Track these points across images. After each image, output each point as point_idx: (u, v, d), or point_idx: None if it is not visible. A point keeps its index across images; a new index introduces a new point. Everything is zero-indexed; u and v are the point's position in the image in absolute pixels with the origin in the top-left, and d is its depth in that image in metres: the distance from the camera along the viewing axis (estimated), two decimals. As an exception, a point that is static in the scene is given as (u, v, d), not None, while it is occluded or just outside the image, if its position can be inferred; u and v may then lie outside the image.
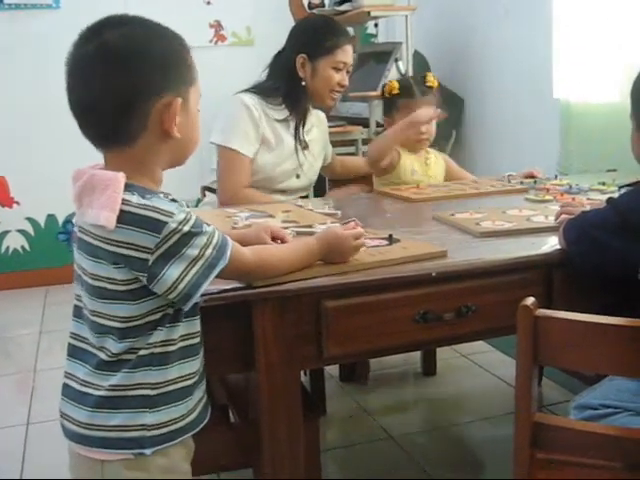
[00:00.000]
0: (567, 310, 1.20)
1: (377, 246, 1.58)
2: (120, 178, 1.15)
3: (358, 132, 3.94)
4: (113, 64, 1.15)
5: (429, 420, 2.64)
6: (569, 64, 3.19)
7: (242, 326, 1.39)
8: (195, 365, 1.25)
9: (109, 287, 1.17)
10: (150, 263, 1.13)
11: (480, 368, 3.02)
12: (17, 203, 4.45)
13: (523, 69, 3.70)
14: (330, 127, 2.94)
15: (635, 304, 1.46)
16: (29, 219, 4.50)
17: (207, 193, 2.73)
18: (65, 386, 1.26)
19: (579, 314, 1.17)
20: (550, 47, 3.29)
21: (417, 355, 3.04)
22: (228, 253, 1.21)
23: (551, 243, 1.64)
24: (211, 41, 4.65)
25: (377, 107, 3.92)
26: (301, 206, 2.13)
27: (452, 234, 1.76)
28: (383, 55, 4.15)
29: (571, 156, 3.22)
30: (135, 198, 1.14)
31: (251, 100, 2.48)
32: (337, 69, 2.53)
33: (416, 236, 1.72)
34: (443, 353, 3.05)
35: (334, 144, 2.92)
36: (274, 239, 1.51)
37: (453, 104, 4.25)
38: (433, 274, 1.48)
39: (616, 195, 1.60)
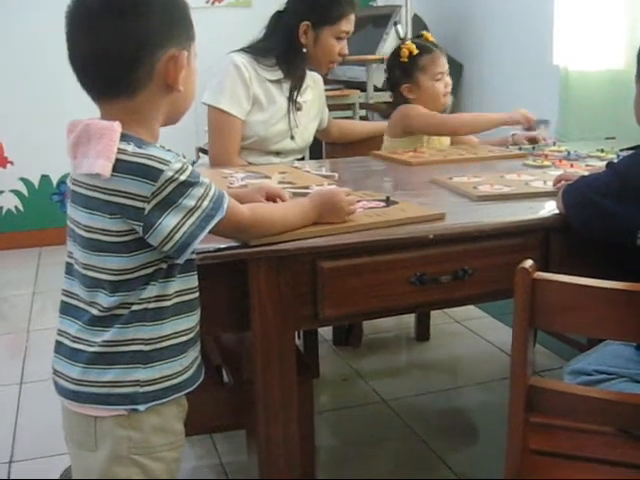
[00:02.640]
0: (564, 274, 1.20)
1: (375, 208, 1.57)
2: (116, 127, 1.13)
3: (355, 96, 3.90)
4: (121, 15, 1.13)
5: (422, 384, 2.65)
6: (570, 31, 3.16)
7: (238, 286, 1.39)
8: (191, 321, 1.24)
9: (103, 239, 1.15)
10: (146, 212, 1.12)
11: (473, 334, 3.03)
12: (11, 163, 4.41)
13: (523, 35, 3.66)
14: (327, 91, 2.90)
15: (634, 269, 1.45)
16: (23, 179, 4.46)
17: (201, 155, 2.71)
18: (58, 344, 1.25)
19: (577, 277, 1.17)
20: (552, 14, 3.25)
21: (411, 320, 3.05)
22: (225, 206, 1.20)
23: (549, 208, 1.63)
24: (208, 2, 4.58)
25: (375, 71, 3.88)
26: (298, 167, 2.11)
27: (450, 197, 1.75)
28: (382, 18, 4.10)
29: (569, 123, 3.21)
30: (131, 147, 1.13)
31: (242, 60, 2.43)
32: (339, 38, 2.49)
33: (414, 199, 1.70)
34: (436, 318, 3.06)
35: (331, 108, 2.88)
36: (270, 200, 1.49)
37: (452, 69, 4.19)
38: (431, 236, 1.47)
39: (616, 160, 1.59)
